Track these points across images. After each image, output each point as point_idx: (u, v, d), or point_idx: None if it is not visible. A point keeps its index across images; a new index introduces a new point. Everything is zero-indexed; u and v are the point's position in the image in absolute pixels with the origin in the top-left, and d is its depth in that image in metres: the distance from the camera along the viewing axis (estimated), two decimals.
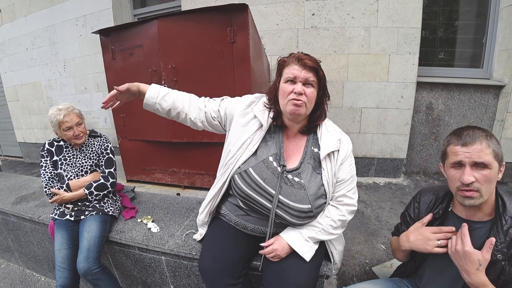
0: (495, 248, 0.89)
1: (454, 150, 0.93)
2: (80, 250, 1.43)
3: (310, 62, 1.05)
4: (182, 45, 2.26)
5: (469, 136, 0.91)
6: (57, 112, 1.57)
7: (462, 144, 0.91)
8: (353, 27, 2.92)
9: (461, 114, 3.21)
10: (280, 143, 1.16)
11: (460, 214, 1.01)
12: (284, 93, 1.07)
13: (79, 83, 4.13)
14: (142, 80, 2.44)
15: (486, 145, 0.88)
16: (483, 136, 0.89)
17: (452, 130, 1.00)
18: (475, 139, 0.89)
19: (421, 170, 3.46)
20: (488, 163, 0.87)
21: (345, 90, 3.10)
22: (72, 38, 3.98)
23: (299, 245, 1.08)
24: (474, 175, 0.88)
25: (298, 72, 1.04)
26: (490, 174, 0.87)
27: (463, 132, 0.93)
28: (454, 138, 0.94)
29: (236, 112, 1.18)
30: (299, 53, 1.09)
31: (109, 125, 4.06)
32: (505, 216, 0.90)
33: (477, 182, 0.88)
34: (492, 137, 0.90)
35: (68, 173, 1.63)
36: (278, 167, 1.11)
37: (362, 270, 1.85)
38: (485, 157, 0.87)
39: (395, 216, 2.49)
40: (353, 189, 1.17)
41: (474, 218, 0.97)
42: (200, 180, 2.63)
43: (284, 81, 1.08)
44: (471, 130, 0.92)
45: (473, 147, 0.89)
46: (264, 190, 1.08)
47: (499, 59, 3.09)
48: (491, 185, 0.89)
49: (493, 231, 0.91)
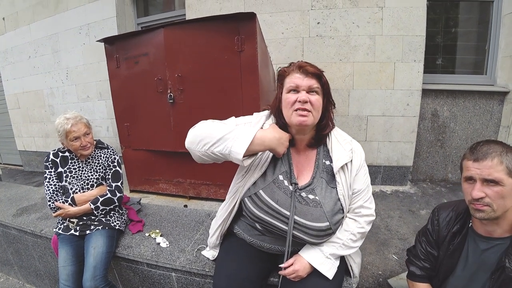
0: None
1: (466, 165, 0.94)
2: (86, 268, 1.38)
3: (312, 68, 1.01)
4: (189, 54, 2.24)
5: (481, 152, 0.90)
6: (64, 121, 1.53)
7: (474, 160, 0.91)
8: (358, 35, 2.92)
9: (466, 120, 3.20)
10: (289, 159, 1.10)
11: (479, 230, 1.00)
12: (287, 104, 1.02)
13: (82, 92, 4.11)
14: (147, 88, 2.46)
15: (498, 162, 0.87)
16: (496, 152, 0.88)
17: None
18: (487, 155, 0.89)
19: (427, 177, 3.42)
20: (499, 180, 0.86)
21: (351, 99, 3.08)
22: (75, 46, 3.97)
23: (321, 263, 1.03)
24: (485, 191, 0.88)
25: (300, 80, 1.00)
26: (502, 191, 0.86)
27: (478, 147, 0.93)
28: (469, 153, 0.95)
29: None
30: (299, 62, 1.05)
31: (111, 133, 4.02)
32: None
33: (487, 198, 0.88)
34: (508, 153, 0.88)
35: (73, 186, 1.58)
36: (290, 186, 1.06)
37: (376, 282, 1.80)
38: (495, 174, 0.86)
39: (405, 225, 2.45)
40: (370, 199, 1.13)
41: (494, 235, 0.95)
42: (206, 190, 2.58)
43: (286, 91, 1.03)
44: (485, 146, 0.92)
45: (483, 163, 0.89)
46: (278, 212, 1.03)
47: (502, 66, 3.09)
48: (505, 201, 0.87)
49: (511, 248, 0.89)
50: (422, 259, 1.15)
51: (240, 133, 0.92)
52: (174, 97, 2.33)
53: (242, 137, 0.91)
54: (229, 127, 0.97)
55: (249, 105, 2.14)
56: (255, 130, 0.94)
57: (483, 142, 0.94)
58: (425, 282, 1.15)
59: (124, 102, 2.65)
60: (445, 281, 1.10)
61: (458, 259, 1.04)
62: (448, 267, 1.07)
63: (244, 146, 0.89)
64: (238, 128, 0.96)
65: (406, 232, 2.34)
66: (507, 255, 0.89)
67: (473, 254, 1.00)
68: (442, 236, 1.08)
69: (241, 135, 0.92)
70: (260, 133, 0.95)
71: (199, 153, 0.98)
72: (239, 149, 0.89)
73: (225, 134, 0.93)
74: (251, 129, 0.95)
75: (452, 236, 1.06)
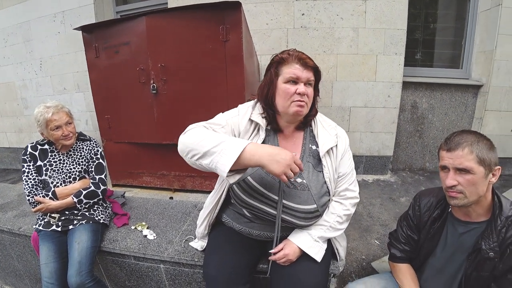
0: (488, 247, 0.94)
1: (441, 155, 1.00)
2: (71, 263, 1.33)
3: (311, 62, 1.04)
4: (172, 43, 2.18)
5: (454, 142, 0.96)
6: (44, 110, 1.45)
7: (447, 150, 0.97)
8: (342, 27, 2.95)
9: (443, 112, 3.34)
10: (276, 145, 1.12)
11: (457, 215, 1.06)
12: (286, 94, 1.03)
13: (58, 83, 3.90)
14: (129, 78, 2.37)
15: (469, 152, 0.92)
16: (468, 142, 0.93)
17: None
18: (458, 145, 0.94)
19: (406, 166, 3.56)
20: (469, 168, 0.91)
21: (334, 90, 3.13)
22: (49, 35, 3.75)
23: (309, 247, 1.06)
24: (457, 179, 0.94)
25: (300, 72, 1.01)
26: (473, 178, 0.92)
27: (451, 138, 0.98)
28: (444, 143, 1.00)
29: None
30: (297, 52, 1.06)
31: (91, 127, 3.87)
32: (500, 217, 0.95)
33: (460, 185, 0.94)
34: (480, 143, 0.93)
35: (54, 180, 1.51)
36: None
37: (360, 266, 1.87)
38: (466, 163, 0.92)
39: (386, 212, 2.55)
40: (354, 182, 1.18)
41: (471, 219, 1.02)
42: (191, 182, 2.56)
43: (284, 81, 1.04)
44: (458, 136, 0.97)
45: (455, 153, 0.94)
46: (267, 197, 1.04)
47: (477, 60, 3.24)
48: (476, 188, 0.93)
49: (487, 231, 0.96)
50: (402, 242, 1.21)
51: (228, 147, 0.85)
52: (157, 88, 2.28)
53: (229, 152, 0.84)
54: (218, 137, 0.90)
55: (234, 96, 2.13)
56: (243, 144, 0.85)
57: (457, 133, 0.99)
58: (405, 263, 1.21)
59: (104, 93, 2.56)
60: (425, 262, 1.16)
61: (438, 241, 1.10)
62: (428, 249, 1.13)
63: (229, 162, 0.82)
64: (228, 139, 0.88)
65: (387, 218, 2.43)
66: (483, 238, 0.96)
67: (452, 237, 1.07)
68: (423, 221, 1.14)
69: (229, 149, 0.85)
70: (250, 147, 0.86)
71: (189, 163, 0.96)
72: (224, 166, 0.83)
73: (212, 147, 0.87)
74: (240, 143, 0.86)
75: (432, 221, 1.11)
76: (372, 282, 1.22)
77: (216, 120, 1.11)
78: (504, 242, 0.92)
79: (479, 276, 0.97)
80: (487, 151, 0.92)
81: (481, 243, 0.95)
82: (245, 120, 1.09)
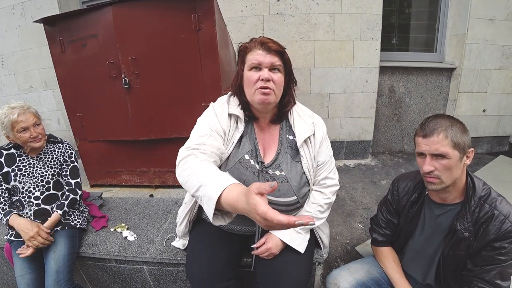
0: (462, 227, 0.97)
1: (417, 141, 1.01)
2: (48, 273, 1.27)
3: (274, 45, 0.99)
4: (143, 34, 2.07)
5: (429, 128, 0.96)
6: (9, 111, 1.35)
7: (423, 136, 0.97)
8: (318, 13, 2.91)
9: (419, 95, 3.42)
10: (254, 138, 1.09)
11: (434, 198, 1.09)
12: (250, 82, 1.00)
13: (23, 81, 3.65)
14: (99, 73, 2.24)
15: (444, 137, 0.93)
16: (442, 128, 0.94)
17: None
18: (433, 131, 0.95)
19: (386, 150, 3.65)
20: (445, 154, 0.93)
21: (313, 77, 3.12)
22: (8, 29, 3.47)
23: (292, 239, 1.06)
24: (433, 165, 0.95)
25: (263, 57, 0.97)
26: (449, 163, 0.94)
27: (426, 124, 0.98)
28: (419, 129, 1.00)
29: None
30: (261, 37, 1.02)
31: (64, 126, 3.68)
32: (474, 198, 0.98)
33: (436, 171, 0.95)
34: (453, 127, 0.94)
35: (26, 185, 1.42)
36: (256, 165, 1.05)
37: (345, 250, 1.91)
38: (441, 149, 0.93)
39: (368, 195, 2.61)
40: (333, 170, 1.18)
41: (447, 201, 1.05)
42: (172, 178, 2.50)
43: (248, 68, 1.01)
44: (433, 122, 0.97)
45: (431, 139, 0.95)
46: None
47: (450, 44, 3.31)
48: (452, 172, 0.95)
49: (462, 211, 0.99)
50: (383, 227, 1.24)
51: (206, 194, 0.72)
52: (130, 82, 2.17)
53: (207, 201, 0.71)
54: (198, 179, 0.78)
55: (210, 87, 2.07)
56: (217, 192, 0.69)
57: (431, 118, 1.00)
58: (387, 246, 1.24)
59: (73, 90, 2.41)
60: (405, 244, 1.20)
61: (416, 224, 1.14)
62: (407, 232, 1.17)
63: (210, 212, 0.71)
64: (205, 184, 0.75)
65: (369, 202, 2.49)
66: (458, 218, 0.99)
67: (429, 219, 1.10)
68: (402, 205, 1.17)
69: (206, 197, 0.72)
70: (223, 197, 0.69)
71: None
72: (209, 216, 0.72)
73: (194, 191, 0.78)
74: (215, 188, 0.70)
75: (410, 205, 1.14)
76: (356, 267, 1.24)
77: (201, 131, 1.01)
78: (477, 221, 0.96)
79: (455, 255, 1.00)
80: (461, 134, 0.94)
81: (456, 223, 0.99)
82: (224, 117, 1.04)
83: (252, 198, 0.59)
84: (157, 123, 2.26)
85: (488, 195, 0.98)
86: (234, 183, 0.71)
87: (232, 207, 0.66)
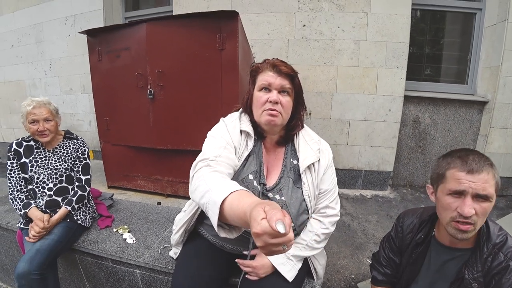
0: (471, 276, 0.87)
1: (457, 177, 0.83)
2: (29, 250, 1.29)
3: (286, 68, 1.00)
4: (170, 50, 2.22)
5: (475, 162, 0.81)
6: (28, 102, 1.46)
7: (467, 171, 0.81)
8: (343, 39, 2.94)
9: (446, 128, 3.26)
10: (260, 158, 1.09)
11: (443, 241, 0.98)
12: (258, 103, 1.01)
13: (65, 84, 4.02)
14: (128, 83, 2.41)
15: (492, 176, 0.80)
16: (489, 164, 0.81)
17: (449, 151, 0.92)
18: (482, 167, 0.80)
19: (407, 183, 3.47)
20: (490, 195, 0.80)
21: (334, 102, 3.10)
22: (59, 37, 3.89)
23: (281, 263, 1.02)
24: (474, 207, 0.80)
25: (273, 79, 0.99)
26: (489, 207, 0.81)
27: (469, 157, 0.83)
28: (459, 162, 0.84)
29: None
30: (274, 60, 1.03)
31: (94, 128, 3.95)
32: (487, 244, 0.87)
33: (475, 215, 0.80)
34: (494, 165, 0.83)
35: (40, 176, 1.51)
36: (258, 186, 1.04)
37: (348, 285, 1.81)
38: (489, 189, 0.79)
39: (382, 229, 2.47)
40: (336, 199, 1.13)
41: (457, 245, 0.93)
42: (184, 189, 2.56)
43: (258, 89, 1.02)
44: (477, 156, 0.83)
45: (479, 176, 0.79)
46: None
47: (483, 76, 3.17)
48: (486, 218, 0.84)
49: (472, 259, 0.89)
50: (383, 265, 1.15)
51: (211, 199, 0.71)
52: (154, 93, 2.31)
53: (211, 207, 0.69)
54: (209, 183, 0.77)
55: (228, 103, 2.13)
56: (222, 196, 0.67)
57: (470, 152, 0.86)
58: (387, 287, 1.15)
59: (104, 96, 2.61)
60: (411, 283, 1.09)
61: (420, 268, 1.04)
62: (410, 274, 1.07)
63: (214, 219, 0.68)
64: (210, 190, 0.74)
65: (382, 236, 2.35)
66: (467, 266, 0.89)
67: (435, 263, 1.00)
68: (405, 243, 1.07)
69: (211, 202, 0.70)
70: (227, 202, 0.66)
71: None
72: (213, 222, 0.69)
73: (201, 197, 0.76)
74: (220, 193, 0.68)
75: (415, 245, 1.04)
76: None
77: (216, 143, 1.00)
78: (489, 272, 0.85)
79: None
80: (498, 175, 0.83)
81: (464, 271, 0.89)
82: (236, 133, 1.05)
83: (257, 211, 0.56)
84: (175, 134, 2.36)
85: (504, 243, 0.86)
86: (241, 189, 0.68)
87: (236, 214, 0.63)
